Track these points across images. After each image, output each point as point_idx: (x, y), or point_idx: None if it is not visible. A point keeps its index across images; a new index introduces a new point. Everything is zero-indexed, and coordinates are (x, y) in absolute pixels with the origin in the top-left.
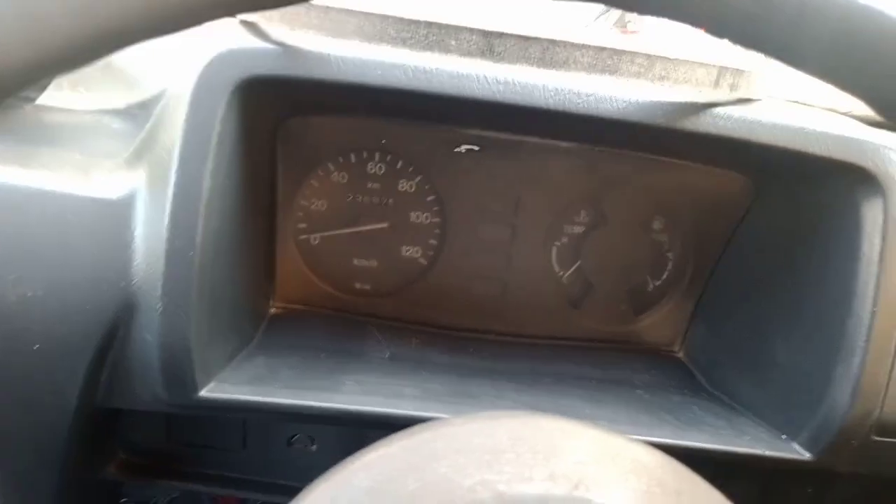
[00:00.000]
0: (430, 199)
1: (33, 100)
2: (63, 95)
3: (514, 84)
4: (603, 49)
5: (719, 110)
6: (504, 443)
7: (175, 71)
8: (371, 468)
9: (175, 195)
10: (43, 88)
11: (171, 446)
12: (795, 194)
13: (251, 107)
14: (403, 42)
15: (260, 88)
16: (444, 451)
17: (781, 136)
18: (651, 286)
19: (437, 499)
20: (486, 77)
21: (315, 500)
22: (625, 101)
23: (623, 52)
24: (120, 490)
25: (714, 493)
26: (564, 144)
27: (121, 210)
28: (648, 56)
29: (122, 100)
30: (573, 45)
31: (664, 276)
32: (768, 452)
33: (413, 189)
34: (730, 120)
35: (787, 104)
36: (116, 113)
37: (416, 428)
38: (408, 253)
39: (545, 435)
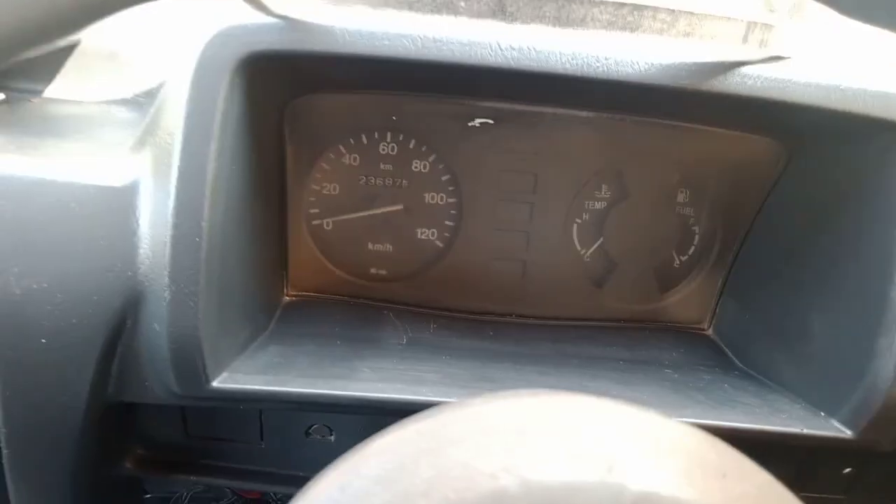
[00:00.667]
0: (444, 178)
1: (40, 92)
2: (70, 87)
3: (530, 50)
4: (623, 4)
5: (749, 69)
6: (528, 423)
7: (177, 53)
8: (382, 454)
9: (179, 179)
10: (49, 80)
11: (189, 440)
12: (831, 158)
13: (255, 85)
14: (410, 6)
15: (263, 65)
16: (461, 435)
17: (816, 94)
18: (677, 262)
19: (454, 486)
20: (499, 44)
21: (322, 492)
22: (647, 63)
23: (644, 7)
24: (141, 486)
25: (761, 472)
26: (583, 114)
27: (125, 197)
28: (671, 11)
29: (129, 90)
30: (591, 1)
31: (691, 252)
32: (807, 430)
33: (427, 169)
34: (760, 79)
35: (819, 61)
36: (123, 102)
37: (431, 410)
38: (424, 235)
39: (572, 414)
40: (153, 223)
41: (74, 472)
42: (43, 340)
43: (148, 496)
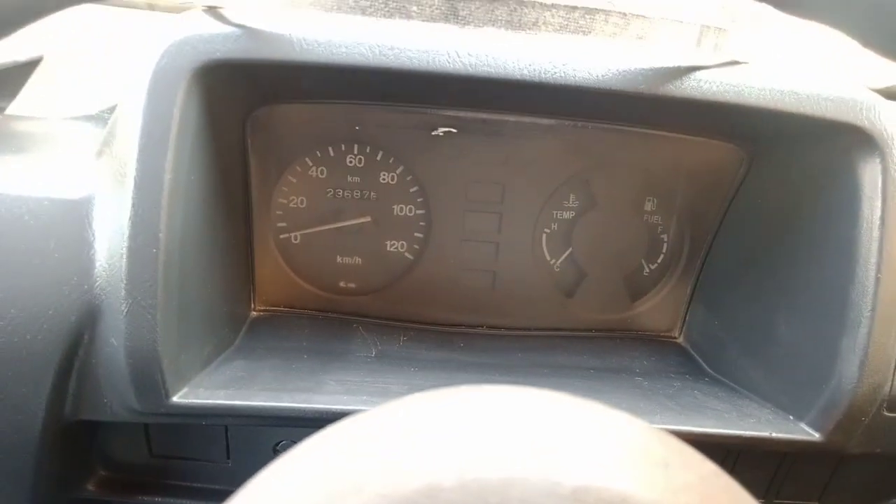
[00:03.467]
0: (413, 189)
1: (2, 109)
2: (36, 105)
3: (486, 56)
4: (574, 8)
5: (705, 73)
6: (462, 418)
7: (135, 63)
8: (311, 455)
9: (136, 189)
10: (12, 96)
11: (153, 460)
12: (790, 161)
13: (214, 95)
14: (363, 10)
15: (221, 74)
16: (391, 432)
17: (773, 98)
18: (647, 270)
19: (384, 482)
20: (456, 51)
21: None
22: (603, 69)
23: (596, 10)
24: None
25: (706, 462)
26: (546, 121)
27: (81, 209)
28: (623, 15)
29: (93, 106)
30: (542, 4)
31: (660, 259)
32: (775, 434)
33: (395, 181)
34: (716, 84)
35: (775, 65)
36: (88, 119)
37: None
38: (393, 248)
39: (508, 406)
40: (110, 235)
41: (33, 495)
42: None
43: None
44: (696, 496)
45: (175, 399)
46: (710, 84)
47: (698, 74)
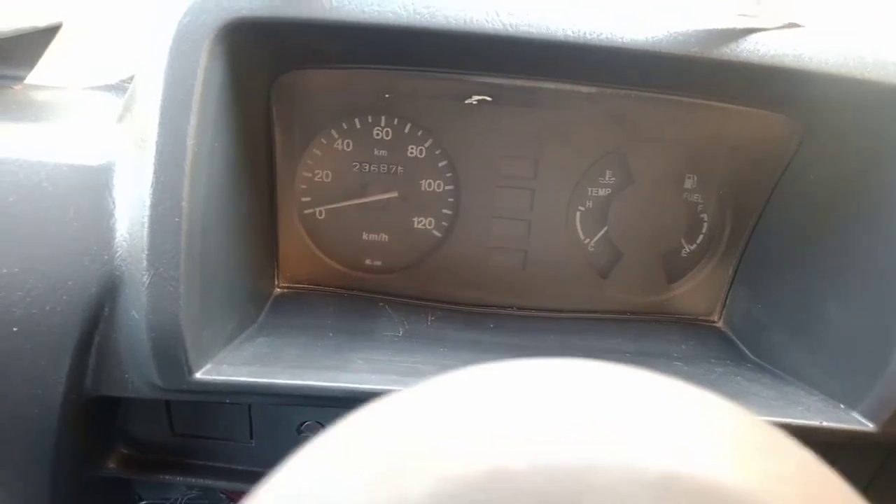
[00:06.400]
0: (441, 164)
1: (22, 78)
2: (56, 74)
3: (526, 15)
4: None
5: (761, 36)
6: (534, 394)
7: (157, 23)
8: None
9: (158, 154)
10: (31, 65)
11: (175, 439)
12: (848, 133)
13: (239, 57)
14: None
15: (246, 34)
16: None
17: (834, 63)
18: (685, 251)
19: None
20: (495, 10)
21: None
22: (653, 30)
23: None
24: (131, 489)
25: (803, 450)
26: (585, 89)
27: (101, 176)
28: None
29: (115, 75)
30: None
31: (699, 240)
32: (826, 423)
33: (423, 154)
34: (774, 47)
35: (836, 29)
36: (108, 88)
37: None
38: (420, 224)
39: (583, 383)
40: (131, 203)
41: (53, 471)
42: (14, 329)
43: (143, 502)
44: (795, 486)
45: (198, 376)
46: (766, 47)
47: (754, 37)
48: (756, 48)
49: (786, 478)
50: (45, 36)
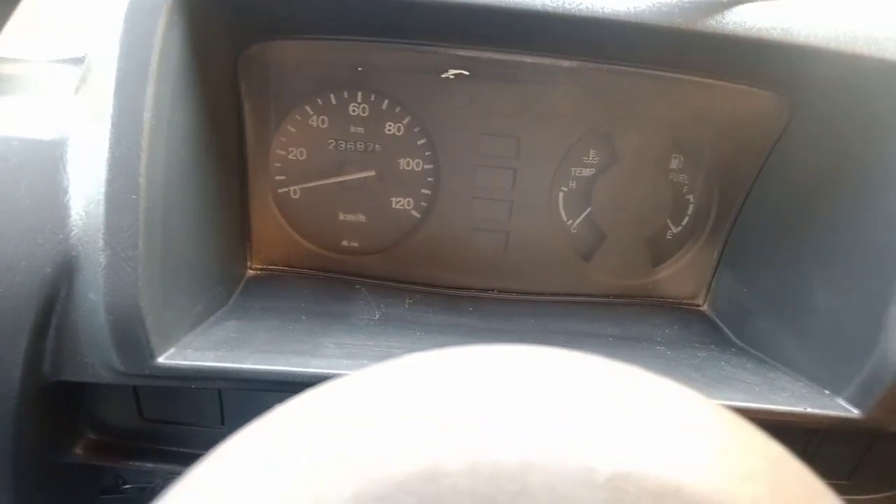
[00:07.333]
0: (420, 142)
1: None
2: (18, 46)
3: None
4: None
5: (749, 8)
6: (480, 382)
7: None
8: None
9: (113, 128)
10: None
11: (144, 424)
12: (839, 112)
13: (199, 25)
14: None
15: (206, 2)
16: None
17: (825, 37)
18: (670, 233)
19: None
20: None
21: None
22: (636, 0)
23: None
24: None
25: (772, 444)
26: (567, 64)
27: (54, 150)
28: None
29: (81, 48)
30: None
31: (685, 222)
32: (811, 410)
33: (401, 132)
34: (762, 19)
35: (826, 3)
36: (73, 61)
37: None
38: (398, 205)
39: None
40: (86, 179)
41: (14, 457)
42: None
43: (126, 486)
44: (763, 485)
45: (160, 360)
46: (754, 20)
47: (742, 9)
48: (743, 21)
49: (754, 476)
50: (7, 5)
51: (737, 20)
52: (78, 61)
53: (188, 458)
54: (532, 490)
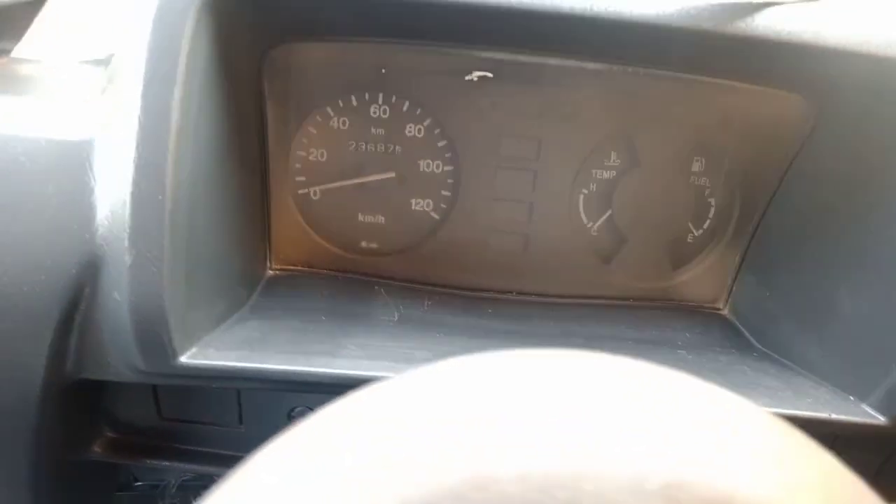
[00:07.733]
0: (441, 144)
1: (8, 52)
2: (43, 47)
3: None
4: None
5: (779, 11)
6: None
7: None
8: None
9: (140, 130)
10: (17, 38)
11: (163, 423)
12: (867, 116)
13: (226, 27)
14: None
15: (234, 2)
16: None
17: (854, 40)
18: (691, 236)
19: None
20: None
21: None
22: (665, 3)
23: None
24: (118, 472)
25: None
26: (591, 66)
27: (82, 151)
28: None
29: (105, 49)
30: None
31: (706, 225)
32: (835, 416)
33: (422, 134)
34: (792, 22)
35: (857, 4)
36: (97, 62)
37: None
38: (418, 206)
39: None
40: (112, 180)
41: (34, 455)
42: None
43: (138, 483)
44: (816, 496)
45: (182, 359)
46: (784, 23)
47: (771, 12)
48: (773, 24)
49: (807, 486)
50: (31, 8)
51: (765, 23)
52: (104, 62)
53: (206, 457)
54: (583, 498)
